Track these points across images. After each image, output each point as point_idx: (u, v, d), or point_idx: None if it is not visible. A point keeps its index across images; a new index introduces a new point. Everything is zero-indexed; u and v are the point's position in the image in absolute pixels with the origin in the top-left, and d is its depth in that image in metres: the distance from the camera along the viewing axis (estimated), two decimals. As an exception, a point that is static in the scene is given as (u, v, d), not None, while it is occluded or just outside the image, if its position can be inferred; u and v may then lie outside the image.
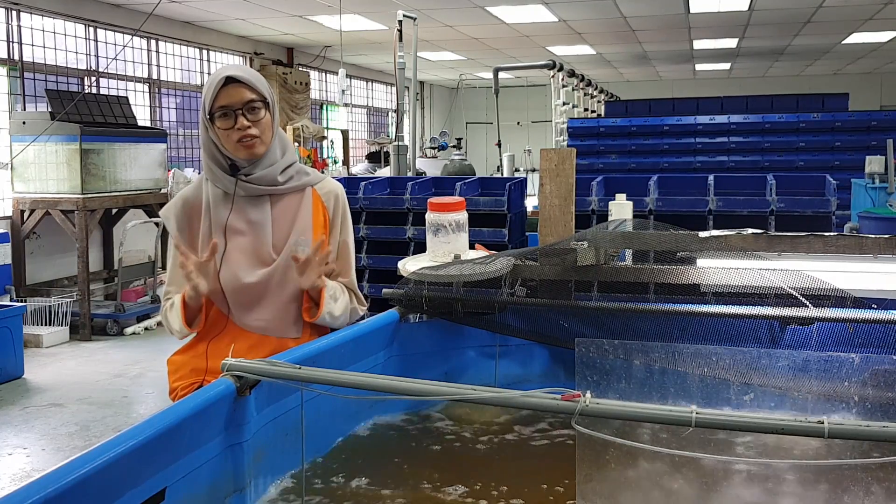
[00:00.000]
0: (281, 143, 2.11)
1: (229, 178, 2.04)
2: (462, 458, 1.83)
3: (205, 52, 10.46)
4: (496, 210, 4.73)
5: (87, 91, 7.69)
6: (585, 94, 11.73)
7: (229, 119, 1.97)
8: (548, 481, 1.70)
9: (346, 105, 11.33)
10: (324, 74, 13.52)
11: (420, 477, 1.71)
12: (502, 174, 12.59)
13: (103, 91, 8.36)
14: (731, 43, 12.33)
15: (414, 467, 1.77)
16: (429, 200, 2.36)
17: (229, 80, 1.98)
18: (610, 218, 3.21)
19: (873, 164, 6.19)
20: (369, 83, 15.85)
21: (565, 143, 9.02)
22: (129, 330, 7.05)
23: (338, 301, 2.10)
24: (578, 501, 1.42)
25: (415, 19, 6.77)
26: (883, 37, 11.88)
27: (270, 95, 2.06)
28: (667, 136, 8.08)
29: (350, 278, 2.19)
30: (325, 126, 13.37)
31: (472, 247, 2.45)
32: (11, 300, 6.38)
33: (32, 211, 6.97)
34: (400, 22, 6.68)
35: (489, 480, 1.71)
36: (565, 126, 8.98)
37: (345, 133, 13.37)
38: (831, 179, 4.55)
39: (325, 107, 13.77)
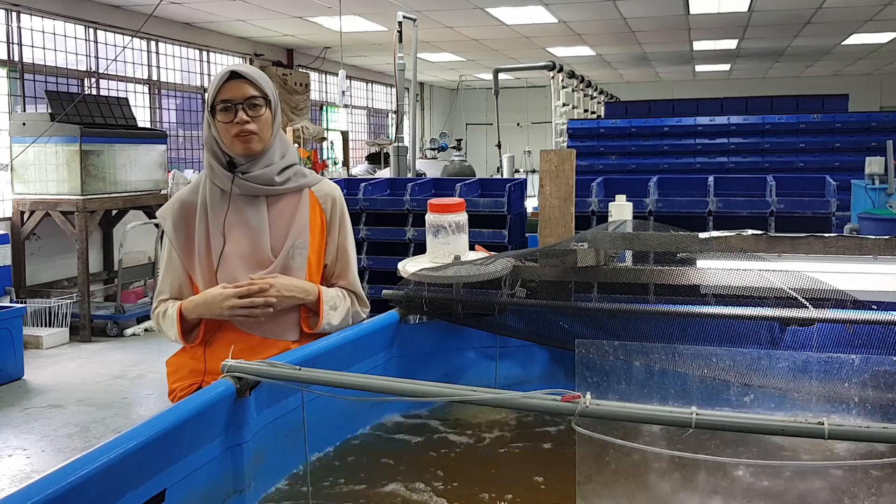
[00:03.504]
0: (281, 144, 2.11)
1: (227, 175, 2.04)
2: (462, 459, 1.83)
3: (204, 53, 10.46)
4: (496, 211, 4.73)
5: (86, 92, 7.69)
6: (585, 96, 11.74)
7: (230, 113, 1.99)
8: (548, 482, 1.70)
9: (345, 106, 11.34)
10: (324, 76, 13.53)
11: (420, 478, 1.71)
12: (502, 175, 12.59)
13: (103, 92, 8.36)
14: (730, 44, 12.34)
15: (414, 468, 1.77)
16: (429, 202, 2.35)
17: (234, 76, 2.01)
18: (610, 219, 3.21)
19: (873, 165, 6.19)
20: (369, 84, 15.86)
21: (565, 144, 9.03)
22: (128, 331, 7.05)
23: (336, 309, 2.10)
24: (578, 502, 1.42)
25: (414, 20, 6.78)
26: (883, 38, 11.88)
27: (273, 95, 2.07)
28: (667, 137, 8.09)
29: (350, 280, 2.19)
30: (324, 127, 13.37)
31: (472, 248, 2.45)
32: (11, 301, 6.38)
33: (32, 212, 6.97)
34: (400, 23, 6.68)
35: (489, 481, 1.71)
36: (565, 127, 8.98)
37: (345, 134, 13.38)
38: (831, 180, 4.55)
39: (324, 108, 13.78)
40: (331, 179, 2.44)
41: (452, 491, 1.66)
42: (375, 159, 12.58)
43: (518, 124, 18.07)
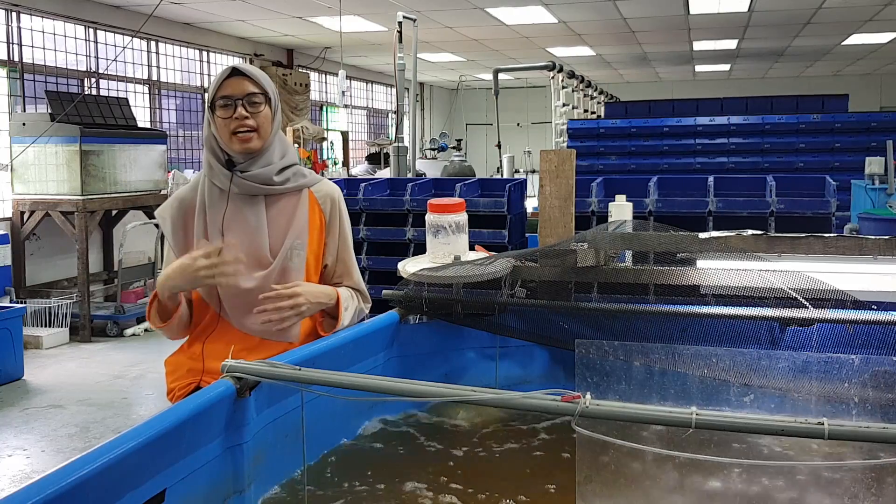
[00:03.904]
0: (281, 145, 2.11)
1: (225, 173, 2.04)
2: (462, 459, 1.83)
3: (204, 53, 10.46)
4: (496, 211, 4.73)
5: (86, 92, 7.69)
6: (585, 96, 11.74)
7: (229, 109, 1.99)
8: (548, 482, 1.70)
9: (345, 106, 11.32)
10: (324, 76, 13.53)
11: (420, 478, 1.71)
12: (502, 175, 12.60)
13: (103, 92, 8.36)
14: (730, 44, 12.34)
15: (414, 468, 1.77)
16: (429, 202, 2.35)
17: (235, 73, 2.01)
18: (610, 219, 3.21)
19: (873, 165, 6.20)
20: (369, 84, 15.86)
21: (565, 144, 9.03)
22: (128, 331, 7.05)
23: (348, 310, 2.10)
24: (578, 502, 1.42)
25: (414, 20, 6.78)
26: (883, 38, 11.88)
27: (274, 93, 2.07)
28: (666, 137, 8.09)
29: (355, 279, 2.19)
30: (324, 127, 13.37)
31: (472, 248, 2.45)
32: (11, 301, 6.38)
33: (32, 212, 6.97)
34: (400, 23, 6.68)
35: (489, 481, 1.71)
36: (565, 127, 8.98)
37: (345, 134, 13.38)
38: (831, 181, 4.55)
39: (324, 108, 13.78)
40: (330, 179, 2.44)
41: (452, 491, 1.66)
42: (375, 159, 12.57)
43: (518, 124, 18.07)
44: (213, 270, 1.91)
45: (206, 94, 2.04)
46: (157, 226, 7.62)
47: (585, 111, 11.63)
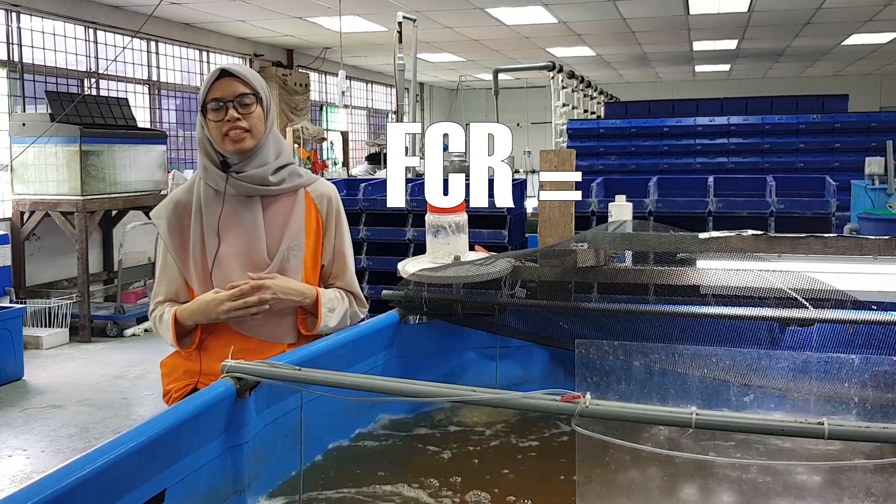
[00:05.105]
0: (276, 144, 2.09)
1: (220, 175, 2.03)
2: (462, 459, 1.83)
3: (204, 53, 10.46)
4: (496, 211, 4.73)
5: (86, 93, 7.69)
6: (585, 96, 11.73)
7: (221, 111, 1.98)
8: (548, 482, 1.70)
9: (345, 106, 11.31)
10: (323, 76, 13.52)
11: (420, 478, 1.71)
12: (502, 175, 12.57)
13: (103, 93, 8.36)
14: (730, 44, 12.34)
15: (414, 469, 1.77)
16: (429, 202, 2.35)
17: (224, 74, 2.00)
18: (610, 219, 3.21)
19: (873, 165, 6.19)
20: (369, 84, 15.86)
21: (565, 144, 9.03)
22: (128, 331, 7.05)
23: (334, 311, 2.09)
24: (578, 502, 1.42)
25: (414, 21, 6.77)
26: (883, 38, 11.88)
27: (265, 92, 2.05)
28: (666, 137, 8.09)
29: (347, 280, 2.18)
30: (324, 127, 13.37)
31: (471, 248, 2.44)
32: (11, 302, 6.37)
33: (32, 212, 6.97)
34: (399, 23, 6.68)
35: (489, 481, 1.71)
36: (565, 127, 8.99)
37: (344, 134, 13.36)
38: (831, 181, 4.55)
39: (324, 108, 13.78)
40: (329, 180, 2.44)
41: (452, 492, 1.66)
42: (375, 159, 12.56)
43: (518, 124, 18.05)
44: (237, 313, 1.95)
45: (199, 96, 2.03)
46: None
47: (585, 111, 11.63)
